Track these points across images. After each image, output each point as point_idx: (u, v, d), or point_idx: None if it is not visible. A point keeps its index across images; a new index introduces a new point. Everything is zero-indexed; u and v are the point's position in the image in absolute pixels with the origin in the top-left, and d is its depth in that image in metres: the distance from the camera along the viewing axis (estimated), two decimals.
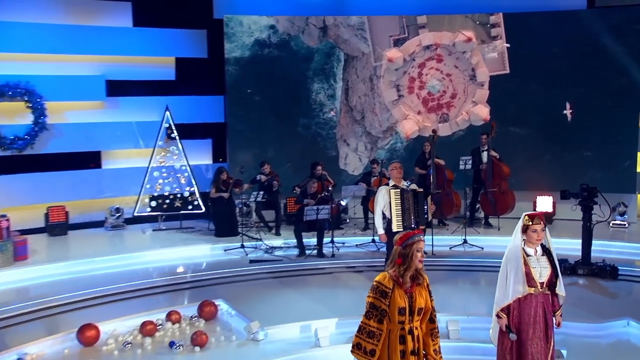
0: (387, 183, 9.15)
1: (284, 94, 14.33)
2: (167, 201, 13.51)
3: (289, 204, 13.43)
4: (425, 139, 13.00)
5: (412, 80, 14.10)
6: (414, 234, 4.79)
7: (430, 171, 12.37)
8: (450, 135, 14.09)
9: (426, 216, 9.11)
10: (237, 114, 14.31)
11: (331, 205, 11.63)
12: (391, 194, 8.81)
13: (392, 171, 9.02)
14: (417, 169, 12.83)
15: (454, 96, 14.05)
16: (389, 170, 9.21)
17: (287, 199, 13.40)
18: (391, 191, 8.83)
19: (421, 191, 9.04)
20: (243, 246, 11.66)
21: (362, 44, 14.24)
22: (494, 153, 12.55)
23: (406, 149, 14.34)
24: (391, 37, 14.13)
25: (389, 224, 8.87)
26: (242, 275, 10.36)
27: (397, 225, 8.79)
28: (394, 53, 13.85)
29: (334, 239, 11.73)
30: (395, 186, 8.87)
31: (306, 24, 14.20)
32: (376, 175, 12.75)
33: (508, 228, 12.00)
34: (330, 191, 12.14)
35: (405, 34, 14.05)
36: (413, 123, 13.99)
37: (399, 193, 8.83)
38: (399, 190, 8.83)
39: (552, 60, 13.67)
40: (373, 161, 13.29)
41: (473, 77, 13.92)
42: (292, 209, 13.13)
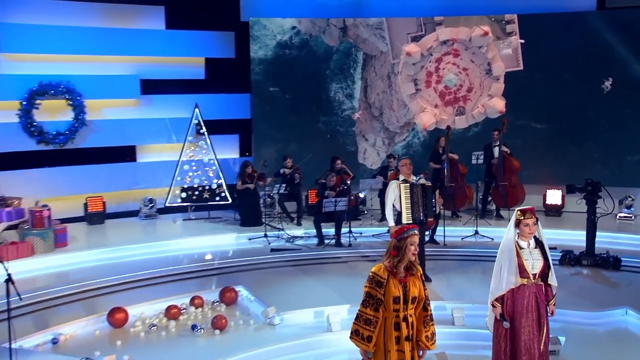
0: (397, 177, 9.22)
1: (305, 92, 14.36)
2: (196, 193, 13.56)
3: (310, 196, 13.49)
4: (440, 135, 12.98)
5: (430, 74, 14.00)
6: (408, 229, 4.87)
7: (444, 165, 12.40)
8: (465, 131, 14.03)
9: (434, 209, 9.12)
10: (261, 111, 14.38)
11: (349, 197, 11.69)
12: (401, 188, 8.84)
13: (402, 167, 9.02)
14: (431, 163, 12.85)
15: (470, 90, 13.92)
16: (399, 166, 9.21)
17: (309, 191, 13.47)
18: (401, 185, 8.86)
19: (429, 185, 9.06)
20: (266, 235, 11.72)
21: (381, 43, 14.20)
22: (505, 148, 12.48)
23: (422, 145, 14.35)
24: (409, 34, 14.02)
25: (399, 216, 8.88)
26: (263, 263, 10.46)
27: (406, 218, 8.81)
28: (412, 47, 13.74)
29: (351, 229, 11.72)
30: (405, 181, 8.89)
31: (327, 25, 14.21)
32: (392, 169, 12.72)
33: None
34: (348, 184, 12.21)
35: (423, 31, 13.94)
36: (430, 115, 13.89)
37: (409, 187, 8.85)
38: (408, 185, 8.86)
39: (562, 58, 13.55)
40: (390, 155, 13.31)
41: (489, 71, 13.76)
42: (313, 200, 13.20)
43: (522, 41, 13.65)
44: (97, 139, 13.42)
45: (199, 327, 7.62)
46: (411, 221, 8.82)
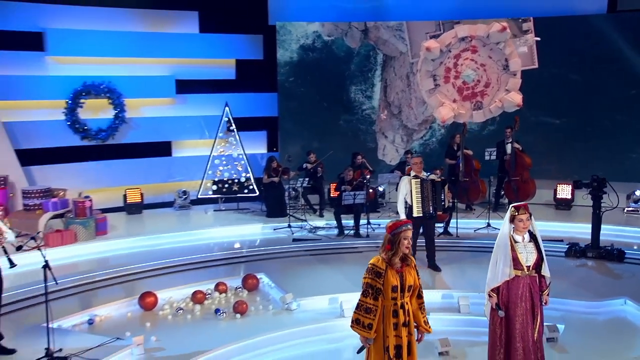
0: (408, 174, 9.27)
1: (328, 92, 14.37)
2: (226, 185, 13.64)
3: (332, 189, 13.59)
4: (455, 132, 12.94)
5: (448, 70, 13.83)
6: (402, 224, 4.92)
7: (459, 161, 12.38)
8: (481, 130, 13.99)
9: (443, 203, 9.16)
10: (287, 109, 14.43)
11: (367, 190, 11.72)
12: (412, 184, 8.91)
13: (414, 165, 9.07)
14: (447, 159, 12.84)
15: (487, 85, 13.72)
16: (411, 163, 9.25)
17: (331, 184, 13.55)
18: (412, 181, 8.93)
19: (439, 181, 9.09)
20: (290, 226, 11.80)
21: (400, 44, 14.15)
22: (517, 145, 12.38)
23: (439, 142, 14.32)
24: (427, 33, 13.94)
25: (410, 210, 8.95)
26: (285, 252, 10.52)
27: (417, 211, 8.89)
28: (431, 43, 13.55)
29: (370, 220, 11.75)
30: (416, 176, 8.95)
31: (349, 27, 14.20)
32: (410, 164, 12.77)
33: None
34: (367, 178, 12.24)
35: (441, 30, 13.84)
36: (449, 109, 13.77)
37: (419, 183, 8.92)
38: (419, 180, 8.92)
39: (574, 59, 13.43)
40: (407, 151, 13.28)
41: (506, 67, 13.56)
42: (335, 194, 13.25)
43: (538, 38, 13.47)
44: (135, 135, 13.59)
45: (221, 311, 7.77)
46: (421, 214, 8.92)
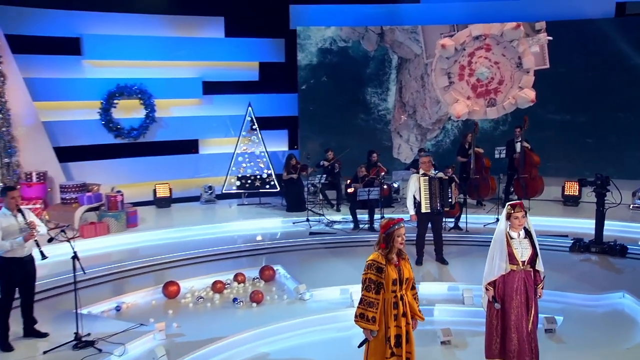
0: (417, 172, 9.30)
1: (345, 93, 14.38)
2: (249, 181, 13.69)
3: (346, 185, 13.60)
4: (467, 131, 12.91)
5: (463, 67, 13.84)
6: (394, 223, 4.97)
7: (470, 159, 12.37)
8: (494, 130, 13.94)
9: (450, 200, 9.17)
10: (307, 109, 14.48)
11: (381, 187, 11.74)
12: (420, 181, 8.94)
13: (423, 164, 9.10)
14: (459, 157, 12.78)
15: (501, 82, 13.72)
16: (420, 163, 9.28)
17: (348, 180, 13.60)
18: (421, 178, 8.95)
19: (446, 179, 9.10)
20: (308, 220, 11.79)
21: (415, 46, 14.13)
22: (526, 144, 12.30)
23: (452, 142, 14.29)
24: (442, 34, 13.93)
25: (418, 206, 8.98)
26: (302, 245, 10.56)
27: (425, 207, 8.92)
28: (447, 41, 13.62)
29: (384, 215, 11.75)
30: (425, 174, 8.97)
31: (366, 30, 14.22)
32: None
33: (537, 209, 12.12)
34: (381, 175, 12.24)
35: (455, 31, 13.84)
36: (463, 105, 13.77)
37: (427, 180, 8.93)
38: (427, 178, 8.94)
39: (583, 61, 13.29)
40: (421, 150, 13.28)
41: (519, 65, 13.54)
42: (350, 190, 13.29)
43: (550, 38, 13.38)
44: (165, 134, 13.75)
45: (239, 300, 7.89)
46: (429, 210, 8.95)
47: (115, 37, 13.00)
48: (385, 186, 12.34)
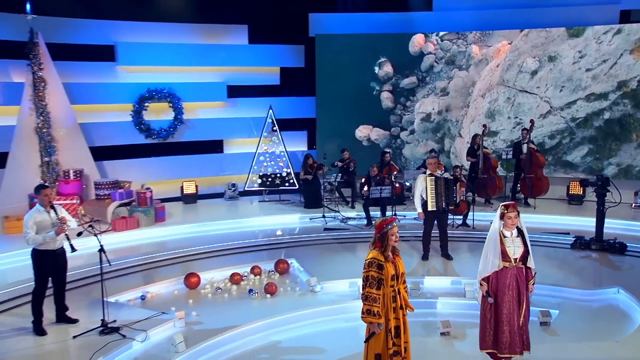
0: (424, 172, 9.34)
1: (359, 96, 14.32)
2: (270, 179, 13.76)
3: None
4: (476, 133, 12.85)
5: None
6: (387, 224, 5.01)
7: (479, 159, 12.35)
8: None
9: (455, 199, 9.19)
10: (324, 112, 14.45)
11: (393, 185, 11.76)
12: (427, 181, 8.97)
13: (429, 165, 9.13)
14: (468, 157, 12.74)
15: None
16: (427, 164, 9.30)
17: (362, 179, 13.62)
18: (427, 178, 8.98)
19: (451, 179, 9.11)
20: (324, 216, 11.87)
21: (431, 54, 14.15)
22: (532, 145, 12.23)
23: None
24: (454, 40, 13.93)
25: (425, 204, 9.02)
26: (316, 240, 10.63)
27: (431, 205, 8.96)
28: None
29: (396, 212, 11.79)
30: (431, 174, 9.00)
31: (382, 37, 14.13)
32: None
33: (543, 207, 12.08)
34: (394, 174, 12.26)
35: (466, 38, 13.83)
36: None
37: (434, 180, 8.96)
38: (433, 178, 8.96)
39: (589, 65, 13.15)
40: (431, 150, 13.22)
41: None
42: (364, 191, 13.31)
43: None
44: (192, 134, 13.89)
45: (254, 292, 8.01)
46: (435, 208, 8.99)
47: (147, 44, 13.19)
48: (397, 185, 12.37)
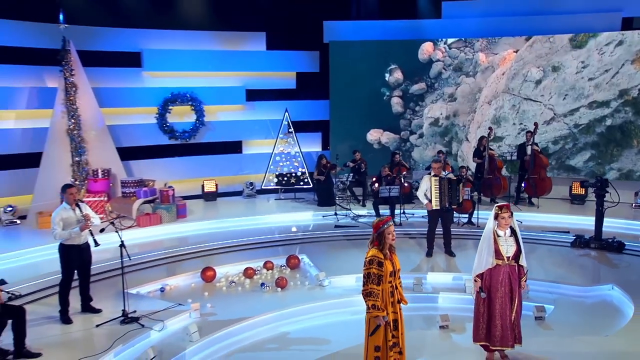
0: (429, 173, 9.40)
1: (371, 102, 14.35)
2: (285, 178, 13.87)
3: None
4: (482, 135, 12.83)
5: None
6: (384, 223, 5.10)
7: (484, 160, 12.35)
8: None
9: (458, 198, 9.23)
10: (338, 114, 14.51)
11: (402, 184, 11.80)
12: (432, 181, 9.06)
13: (434, 169, 9.20)
14: (475, 158, 12.74)
15: None
16: (432, 167, 9.36)
17: (373, 178, 13.67)
18: (432, 179, 9.07)
19: (455, 179, 9.17)
20: (336, 214, 11.89)
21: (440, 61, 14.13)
22: (536, 147, 12.20)
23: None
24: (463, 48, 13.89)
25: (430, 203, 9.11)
26: (327, 237, 10.69)
27: (435, 204, 9.03)
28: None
29: (405, 210, 11.84)
30: (436, 175, 9.09)
31: (393, 44, 14.16)
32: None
33: (546, 207, 12.04)
34: (402, 174, 12.30)
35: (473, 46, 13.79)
36: None
37: (438, 180, 9.04)
38: (437, 178, 9.05)
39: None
40: (439, 152, 13.26)
41: None
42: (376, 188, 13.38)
43: None
44: (212, 136, 14.02)
45: (266, 285, 8.12)
46: (439, 207, 9.05)
47: (171, 51, 13.35)
48: (406, 184, 12.41)
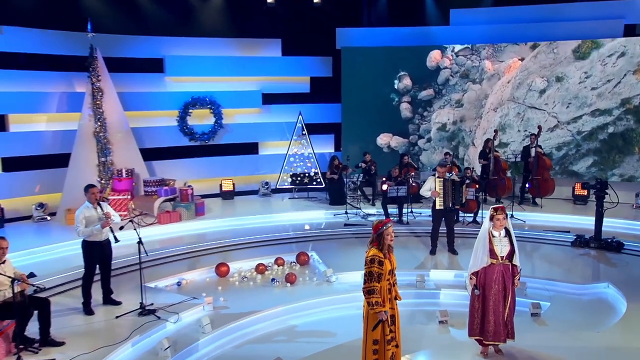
0: (434, 174, 9.44)
1: (381, 108, 14.31)
2: (299, 178, 13.97)
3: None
4: (488, 138, 12.80)
5: None
6: (383, 224, 5.14)
7: (490, 162, 12.32)
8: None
9: (461, 199, 9.26)
10: (349, 117, 14.49)
11: (409, 185, 11.85)
12: (436, 182, 9.12)
13: (438, 173, 9.25)
14: (481, 160, 12.71)
15: None
16: (437, 171, 9.36)
17: (383, 178, 13.70)
18: (436, 180, 9.13)
19: (458, 180, 9.21)
20: (347, 213, 11.95)
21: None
22: (540, 149, 12.16)
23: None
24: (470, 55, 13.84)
25: (433, 203, 9.15)
26: (336, 234, 10.76)
27: (439, 204, 9.10)
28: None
29: (412, 210, 11.87)
30: (439, 176, 9.17)
31: (403, 50, 14.10)
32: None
33: (548, 207, 12.04)
34: (411, 175, 12.33)
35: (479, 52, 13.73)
36: None
37: (442, 181, 9.10)
38: (441, 180, 9.11)
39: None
40: (446, 153, 13.20)
41: None
42: (383, 189, 13.38)
43: None
44: (230, 137, 14.14)
45: (275, 281, 8.25)
46: (442, 207, 9.10)
47: (191, 57, 13.51)
48: (414, 184, 12.43)
